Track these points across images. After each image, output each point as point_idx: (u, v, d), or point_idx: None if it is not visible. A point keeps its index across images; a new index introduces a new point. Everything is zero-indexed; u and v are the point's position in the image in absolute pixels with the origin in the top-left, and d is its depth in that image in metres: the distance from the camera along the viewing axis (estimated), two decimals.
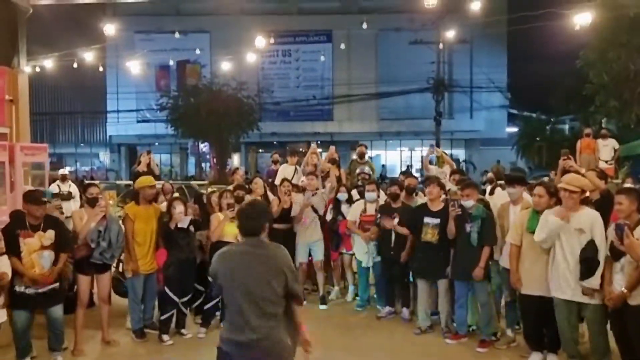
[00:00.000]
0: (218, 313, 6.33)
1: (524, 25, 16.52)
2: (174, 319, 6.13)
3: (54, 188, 10.78)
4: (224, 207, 6.43)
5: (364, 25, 17.73)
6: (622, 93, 12.89)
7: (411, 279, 6.57)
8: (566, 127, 25.58)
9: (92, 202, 5.73)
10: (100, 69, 20.22)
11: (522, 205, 5.57)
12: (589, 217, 4.71)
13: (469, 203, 5.69)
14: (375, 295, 7.20)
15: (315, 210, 7.12)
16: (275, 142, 33.22)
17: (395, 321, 6.60)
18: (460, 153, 29.86)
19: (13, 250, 4.85)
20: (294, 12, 30.85)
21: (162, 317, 6.03)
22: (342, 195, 7.31)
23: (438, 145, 26.64)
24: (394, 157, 32.34)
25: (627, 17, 12.12)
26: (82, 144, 34.56)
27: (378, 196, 6.88)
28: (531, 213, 5.19)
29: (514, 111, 29.20)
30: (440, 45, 22.79)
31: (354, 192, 7.51)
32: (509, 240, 5.35)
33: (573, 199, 4.75)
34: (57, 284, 5.16)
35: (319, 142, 31.28)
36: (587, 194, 4.90)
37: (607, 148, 11.97)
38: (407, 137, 30.85)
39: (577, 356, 4.90)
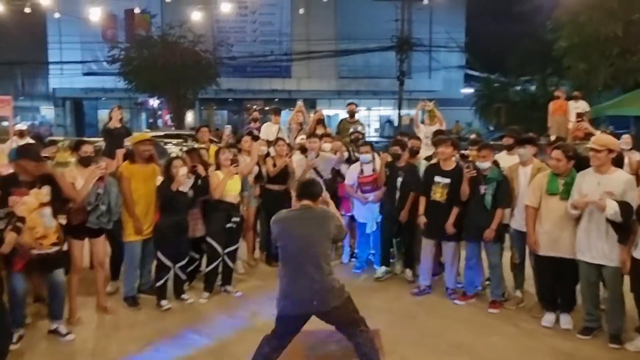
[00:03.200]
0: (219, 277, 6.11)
1: None
2: (169, 285, 5.83)
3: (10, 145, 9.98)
4: (223, 163, 6.09)
5: None
6: (591, 56, 13.10)
7: None
8: (520, 88, 25.97)
9: (85, 162, 5.26)
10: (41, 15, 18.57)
11: (532, 166, 5.53)
12: (619, 180, 4.66)
13: (484, 165, 5.59)
14: (371, 257, 7.10)
15: (319, 173, 6.84)
16: (231, 99, 32.36)
17: (399, 283, 6.54)
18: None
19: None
20: None
21: (157, 284, 5.69)
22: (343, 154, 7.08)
23: (400, 106, 26.73)
24: None
25: None
26: (21, 97, 32.42)
27: (373, 157, 6.68)
28: (550, 176, 5.13)
29: (472, 72, 29.40)
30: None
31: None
32: (525, 203, 5.30)
33: (598, 159, 4.69)
34: (59, 247, 4.76)
35: (276, 99, 30.83)
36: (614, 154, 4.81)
37: (578, 110, 12.14)
38: (366, 97, 30.70)
39: (595, 315, 4.97)
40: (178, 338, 4.98)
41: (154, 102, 29.88)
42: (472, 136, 10.30)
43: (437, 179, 5.89)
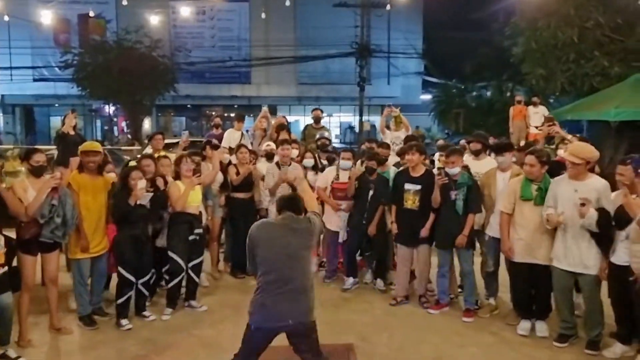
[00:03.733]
0: (183, 291, 5.79)
1: None
2: (132, 302, 5.47)
3: None
4: (185, 174, 5.78)
5: None
6: (549, 61, 13.31)
7: None
8: (476, 94, 26.38)
9: (37, 171, 4.88)
10: None
11: (512, 172, 5.46)
12: (594, 187, 4.59)
13: (454, 170, 5.48)
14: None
15: (291, 184, 6.58)
16: (189, 106, 31.77)
17: (370, 293, 6.35)
18: (377, 119, 30.11)
19: None
20: None
21: (119, 301, 5.32)
22: (309, 162, 6.89)
23: (361, 112, 26.73)
24: None
25: None
26: None
27: (354, 164, 6.50)
28: (524, 181, 5.05)
29: (430, 78, 29.74)
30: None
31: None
32: (499, 208, 5.22)
33: (577, 170, 4.64)
34: (5, 268, 4.36)
35: (236, 105, 30.40)
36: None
37: (537, 115, 12.36)
38: (326, 103, 30.59)
39: (571, 321, 4.91)
40: (139, 359, 4.65)
41: (109, 109, 28.98)
42: (439, 142, 10.27)
43: (408, 186, 5.75)
